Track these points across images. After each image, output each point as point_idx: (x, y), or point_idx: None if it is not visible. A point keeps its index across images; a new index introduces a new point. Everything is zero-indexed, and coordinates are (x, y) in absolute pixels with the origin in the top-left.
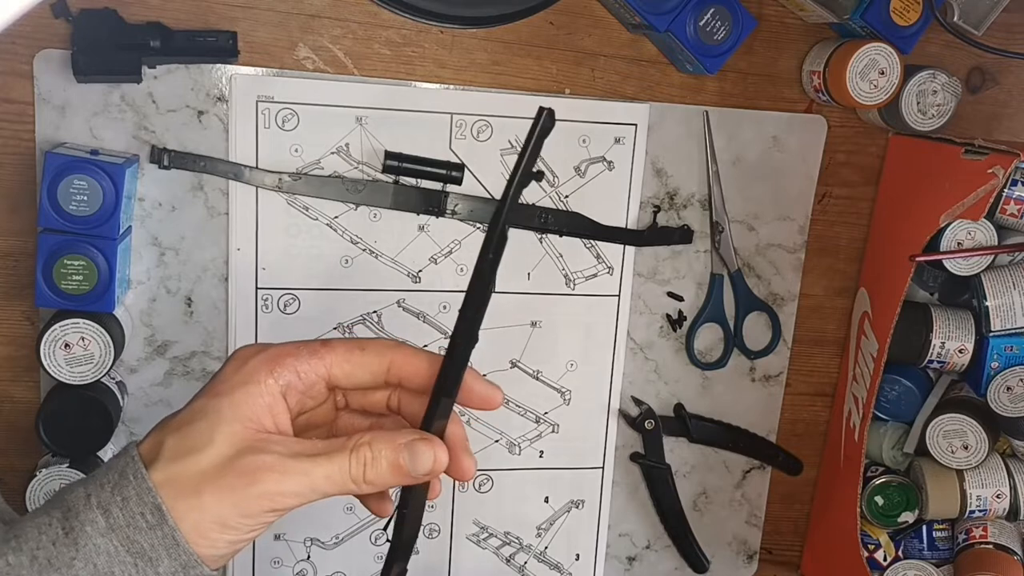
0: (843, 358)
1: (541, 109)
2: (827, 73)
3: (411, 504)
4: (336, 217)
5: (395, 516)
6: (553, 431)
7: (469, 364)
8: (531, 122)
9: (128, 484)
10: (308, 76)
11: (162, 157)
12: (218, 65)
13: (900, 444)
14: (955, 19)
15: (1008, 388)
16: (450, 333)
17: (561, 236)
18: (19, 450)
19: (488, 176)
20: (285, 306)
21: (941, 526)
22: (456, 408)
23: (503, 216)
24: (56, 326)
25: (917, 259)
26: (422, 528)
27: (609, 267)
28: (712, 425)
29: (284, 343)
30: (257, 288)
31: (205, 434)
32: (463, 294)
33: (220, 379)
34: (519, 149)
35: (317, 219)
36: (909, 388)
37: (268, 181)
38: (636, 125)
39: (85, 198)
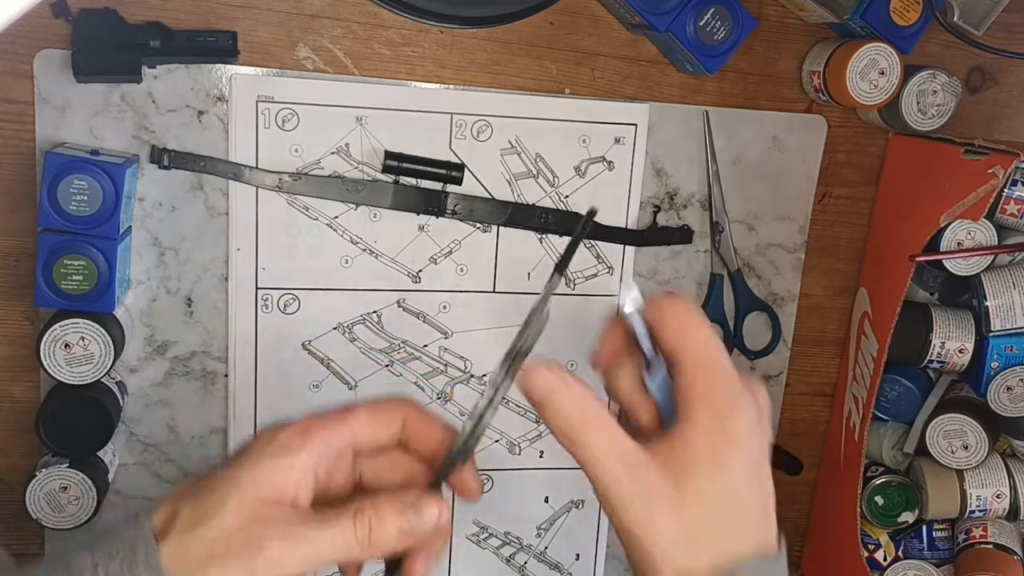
0: (843, 358)
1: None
2: (827, 73)
3: None
4: (336, 217)
5: None
6: None
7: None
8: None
9: (138, 560)
10: (308, 76)
11: (162, 157)
12: (218, 65)
13: (900, 444)
14: (955, 19)
15: (1008, 388)
16: (476, 407)
17: (561, 236)
18: (19, 450)
19: (488, 176)
20: (285, 306)
21: (941, 526)
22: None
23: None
24: (56, 326)
25: (917, 259)
26: None
27: (609, 267)
28: None
29: (310, 415)
30: (257, 288)
31: (217, 504)
32: (460, 292)
33: (249, 451)
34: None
35: (317, 219)
36: (909, 388)
37: (268, 181)
38: (636, 125)
39: (85, 198)
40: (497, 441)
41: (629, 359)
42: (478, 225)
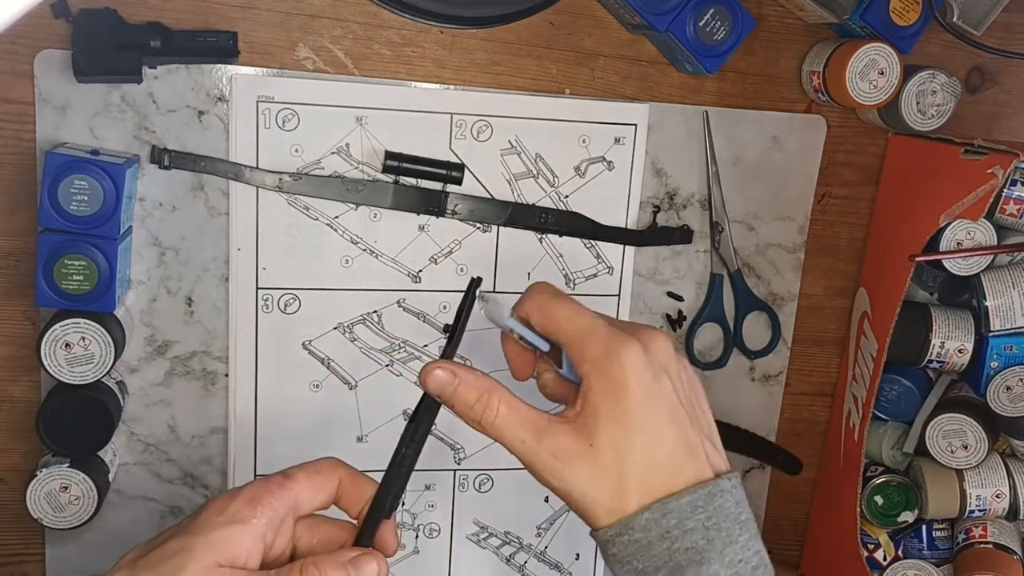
0: (843, 358)
1: (473, 281)
2: (827, 73)
3: None
4: (336, 217)
5: None
6: None
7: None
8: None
9: None
10: (308, 76)
11: (162, 157)
12: (218, 65)
13: (900, 444)
14: (955, 19)
15: (1008, 388)
16: (390, 460)
17: (561, 236)
18: (19, 450)
19: (488, 176)
20: (285, 306)
21: (941, 526)
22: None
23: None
24: (56, 326)
25: (917, 259)
26: (422, 528)
27: (609, 267)
28: None
29: (251, 483)
30: (257, 288)
31: (175, 569)
32: (460, 292)
33: (197, 521)
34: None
35: (317, 219)
36: (909, 388)
37: (268, 181)
38: (636, 125)
39: (86, 198)
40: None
41: (542, 360)
42: (478, 225)
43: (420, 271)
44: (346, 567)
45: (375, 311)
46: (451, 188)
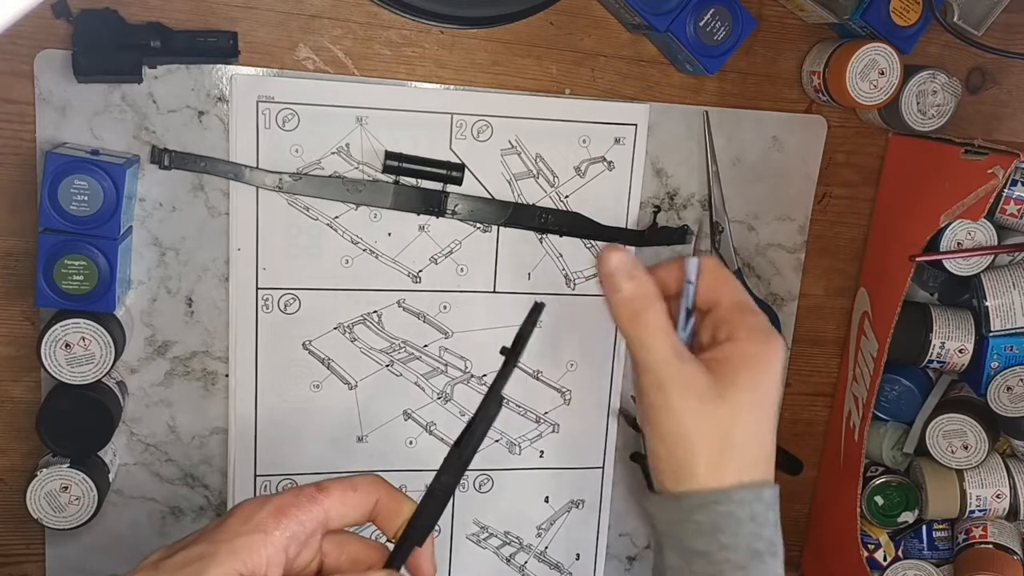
0: (843, 358)
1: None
2: (827, 73)
3: None
4: (336, 217)
5: None
6: (553, 431)
7: (431, 540)
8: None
9: None
10: (308, 76)
11: (163, 157)
12: (218, 65)
13: (900, 444)
14: (955, 19)
15: (1008, 388)
16: (428, 485)
17: (561, 236)
18: (19, 450)
19: (488, 176)
20: (285, 306)
21: (941, 526)
22: None
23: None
24: (57, 326)
25: (917, 259)
26: None
27: None
28: None
29: (283, 493)
30: (258, 288)
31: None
32: (460, 292)
33: (223, 527)
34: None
35: (317, 219)
36: (909, 388)
37: (269, 181)
38: (636, 125)
39: (86, 198)
40: (497, 441)
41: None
42: (478, 225)
43: (420, 271)
44: None
45: (375, 311)
46: (451, 188)
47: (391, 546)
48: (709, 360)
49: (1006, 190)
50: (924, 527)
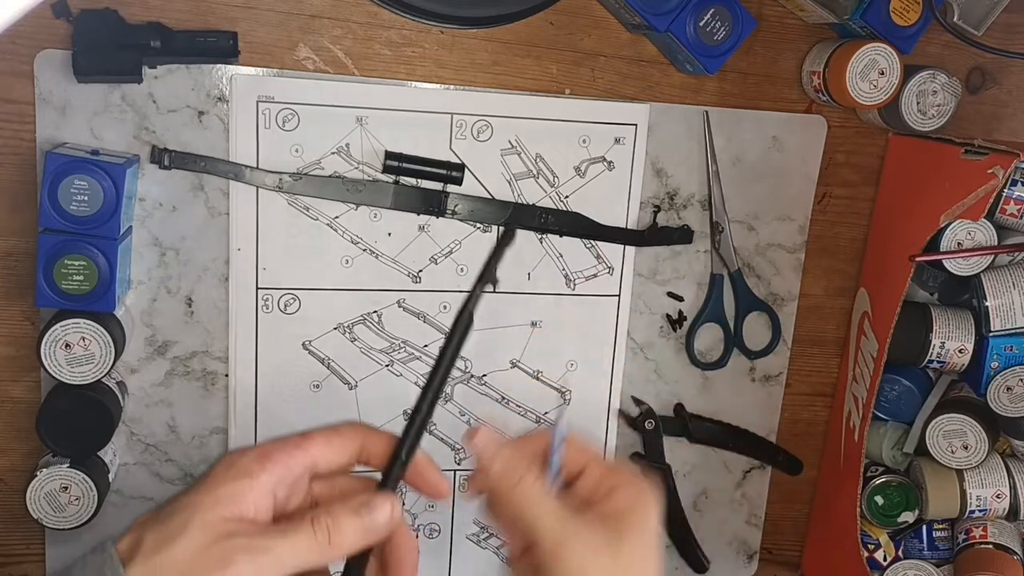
0: (843, 358)
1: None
2: (827, 73)
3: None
4: (336, 217)
5: None
6: None
7: (427, 455)
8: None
9: None
10: (308, 76)
11: (163, 157)
12: (218, 65)
13: (900, 444)
14: (955, 19)
15: (1008, 388)
16: (421, 389)
17: (561, 236)
18: (19, 450)
19: (488, 176)
20: (285, 306)
21: (941, 526)
22: (459, 412)
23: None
24: (57, 326)
25: (917, 259)
26: (422, 528)
27: (609, 267)
28: (712, 425)
29: (268, 441)
30: (258, 288)
31: (181, 525)
32: (460, 292)
33: (208, 477)
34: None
35: (317, 219)
36: (909, 388)
37: (269, 181)
38: (636, 125)
39: (86, 198)
40: None
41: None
42: (478, 225)
43: (420, 271)
44: (359, 510)
45: (375, 311)
46: (451, 188)
47: None
48: (596, 516)
49: (1006, 190)
50: (924, 527)
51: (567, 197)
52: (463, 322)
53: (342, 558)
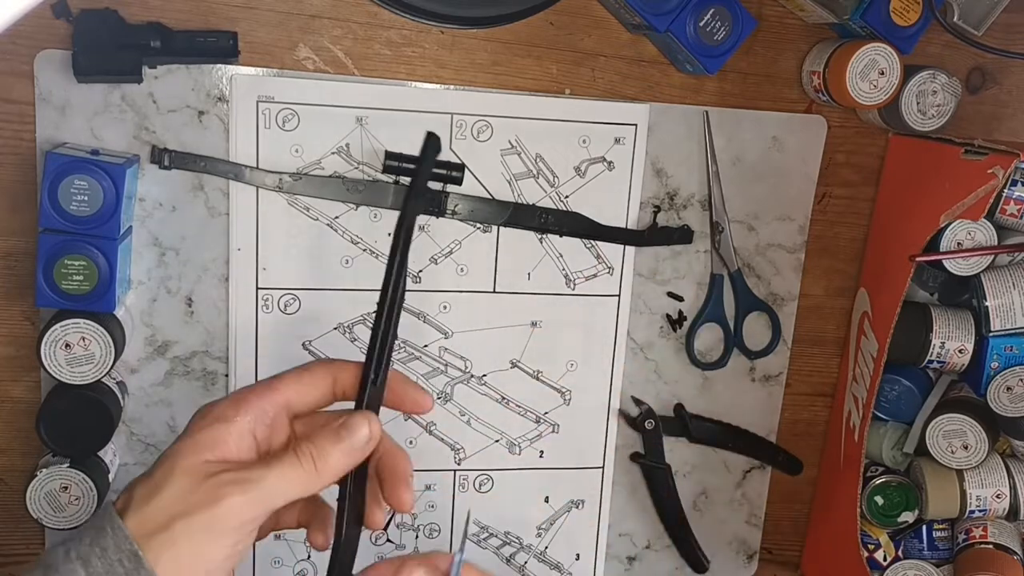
0: (843, 358)
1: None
2: (827, 73)
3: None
4: (336, 217)
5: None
6: (553, 431)
7: (401, 371)
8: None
9: (105, 535)
10: (308, 76)
11: (163, 157)
12: (218, 65)
13: (900, 444)
14: (955, 19)
15: (1008, 388)
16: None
17: (561, 236)
18: (19, 450)
19: (488, 176)
20: (285, 306)
21: (941, 526)
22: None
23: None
24: (57, 326)
25: (917, 259)
26: (422, 528)
27: (609, 267)
28: (712, 425)
29: (241, 388)
30: (257, 288)
31: (166, 473)
32: (460, 292)
33: (186, 429)
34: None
35: (317, 219)
36: (909, 388)
37: (269, 181)
38: (636, 125)
39: (86, 198)
40: (497, 441)
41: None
42: (478, 225)
43: (420, 271)
44: (338, 432)
45: (375, 311)
46: (451, 188)
47: None
48: None
49: (1006, 190)
50: (924, 527)
51: (567, 197)
52: (404, 227)
53: (331, 483)
